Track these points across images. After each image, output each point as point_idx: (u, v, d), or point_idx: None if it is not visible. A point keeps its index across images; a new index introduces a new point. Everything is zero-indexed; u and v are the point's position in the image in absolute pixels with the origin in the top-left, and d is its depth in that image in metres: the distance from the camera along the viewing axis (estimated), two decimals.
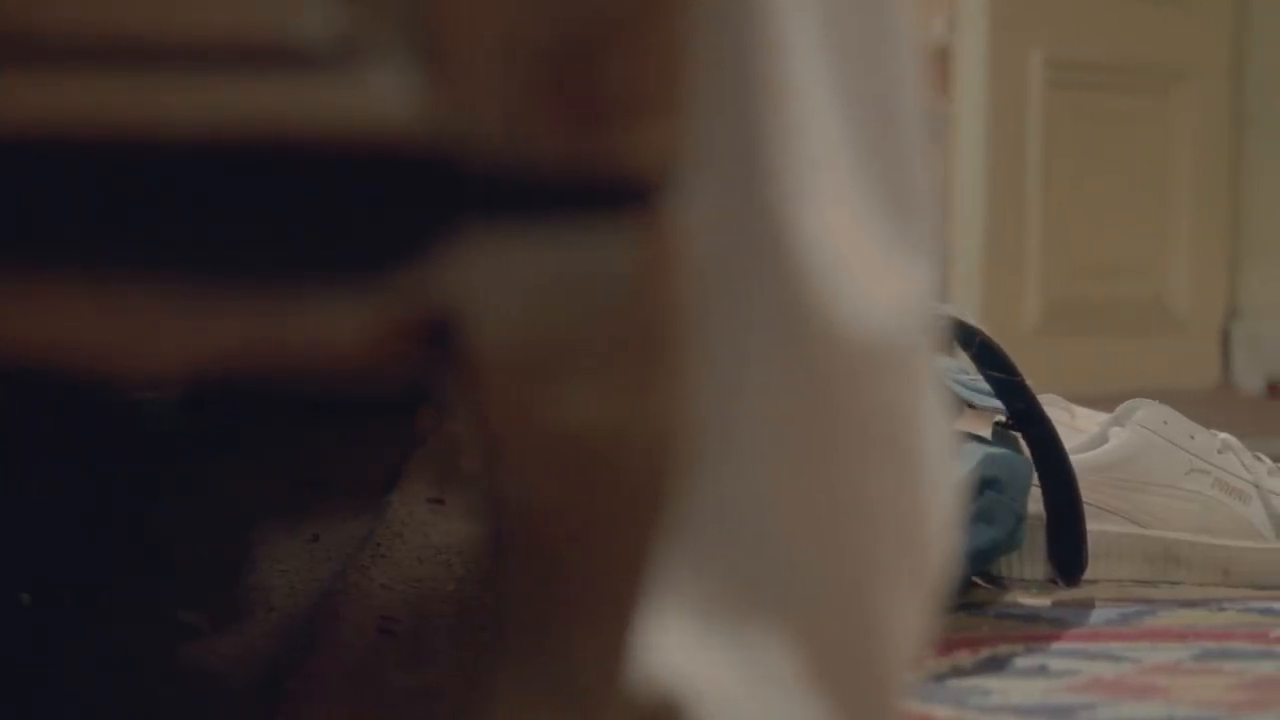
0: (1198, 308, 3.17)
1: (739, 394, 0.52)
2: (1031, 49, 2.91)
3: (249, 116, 0.46)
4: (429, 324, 0.47)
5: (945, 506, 0.54)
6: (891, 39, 0.52)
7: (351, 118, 0.46)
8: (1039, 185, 2.93)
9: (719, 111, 0.49)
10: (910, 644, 0.55)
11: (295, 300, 0.47)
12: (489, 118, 0.46)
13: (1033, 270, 2.94)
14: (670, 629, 0.54)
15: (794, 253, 0.50)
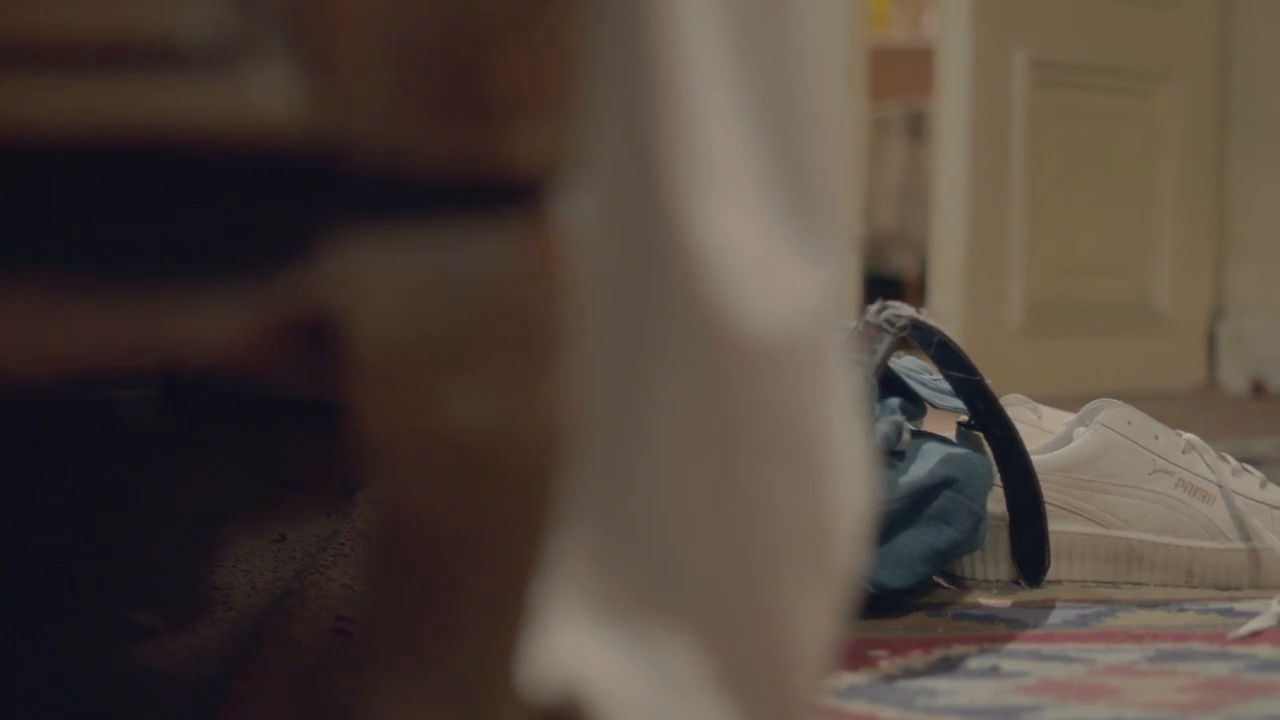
0: (1183, 307, 3.17)
1: (638, 394, 0.52)
2: (1015, 49, 2.91)
3: (129, 117, 0.45)
4: (310, 324, 0.47)
5: (853, 509, 0.54)
6: (796, 45, 0.52)
7: (232, 118, 0.46)
8: (1023, 185, 2.93)
9: (613, 113, 0.49)
10: (818, 647, 0.55)
11: (175, 299, 0.47)
12: (369, 118, 0.46)
13: (1016, 270, 2.94)
14: (574, 630, 0.54)
15: (690, 254, 0.50)
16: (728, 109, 0.50)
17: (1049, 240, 2.98)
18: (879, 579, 1.14)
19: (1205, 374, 3.19)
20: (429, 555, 0.47)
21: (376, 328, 0.46)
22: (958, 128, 2.88)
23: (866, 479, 0.54)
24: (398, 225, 0.46)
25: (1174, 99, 3.12)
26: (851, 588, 0.55)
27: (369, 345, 0.46)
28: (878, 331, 1.19)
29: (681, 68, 0.49)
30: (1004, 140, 2.91)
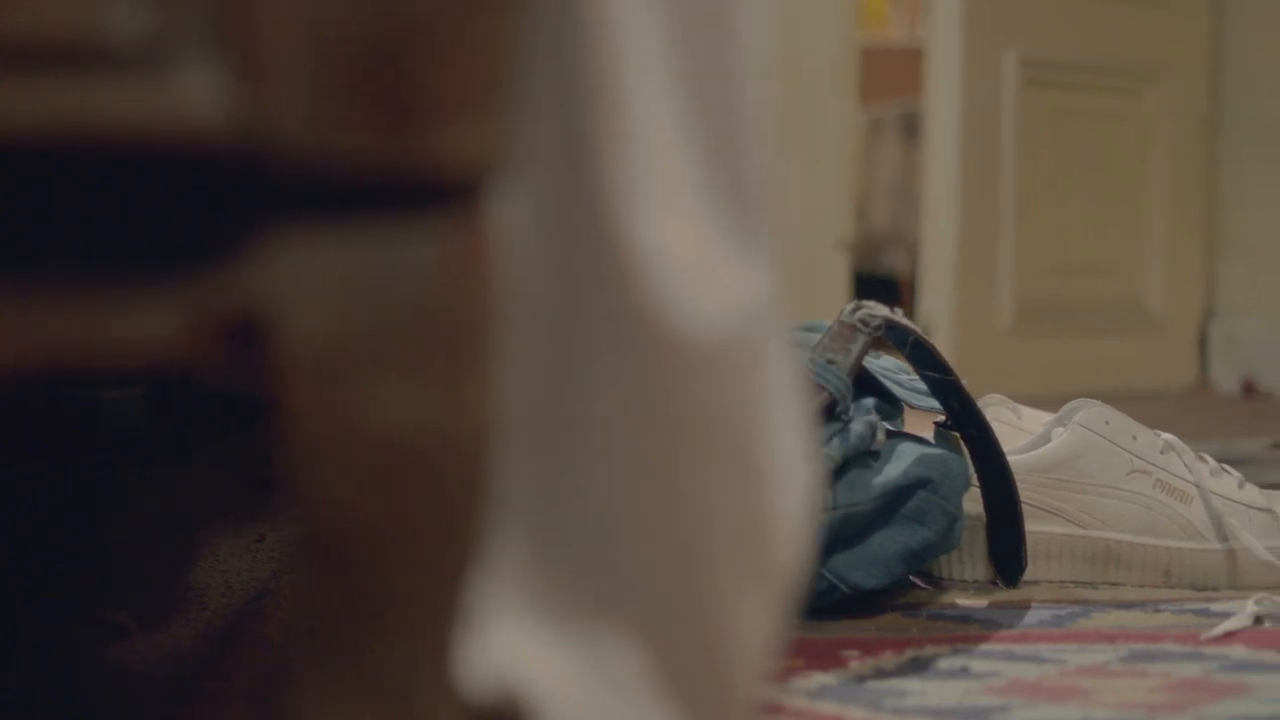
0: (1174, 307, 3.16)
1: (577, 396, 0.51)
2: (1006, 48, 2.91)
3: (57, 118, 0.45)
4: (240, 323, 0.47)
5: (793, 511, 0.54)
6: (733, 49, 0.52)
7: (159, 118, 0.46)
8: (1013, 185, 2.93)
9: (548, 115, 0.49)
10: (759, 647, 0.55)
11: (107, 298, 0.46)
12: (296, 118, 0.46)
13: (1007, 270, 2.94)
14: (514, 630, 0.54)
15: (626, 255, 0.49)
16: (665, 112, 0.50)
17: (1040, 240, 2.98)
18: (853, 579, 1.14)
19: (1197, 374, 3.19)
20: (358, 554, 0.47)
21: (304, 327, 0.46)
22: (948, 128, 2.88)
23: (807, 481, 0.54)
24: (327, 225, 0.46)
25: (1165, 99, 3.12)
26: (793, 589, 0.55)
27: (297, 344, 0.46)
28: (852, 331, 1.19)
29: (618, 70, 0.49)
30: (994, 140, 2.91)
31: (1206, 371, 3.17)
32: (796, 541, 0.54)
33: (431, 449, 0.47)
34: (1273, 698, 0.96)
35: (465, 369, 0.48)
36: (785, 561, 0.53)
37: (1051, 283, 3.00)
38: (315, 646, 0.49)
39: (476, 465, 0.49)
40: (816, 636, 1.10)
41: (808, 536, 0.54)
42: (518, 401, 0.52)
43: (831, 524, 1.13)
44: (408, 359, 0.47)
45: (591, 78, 0.49)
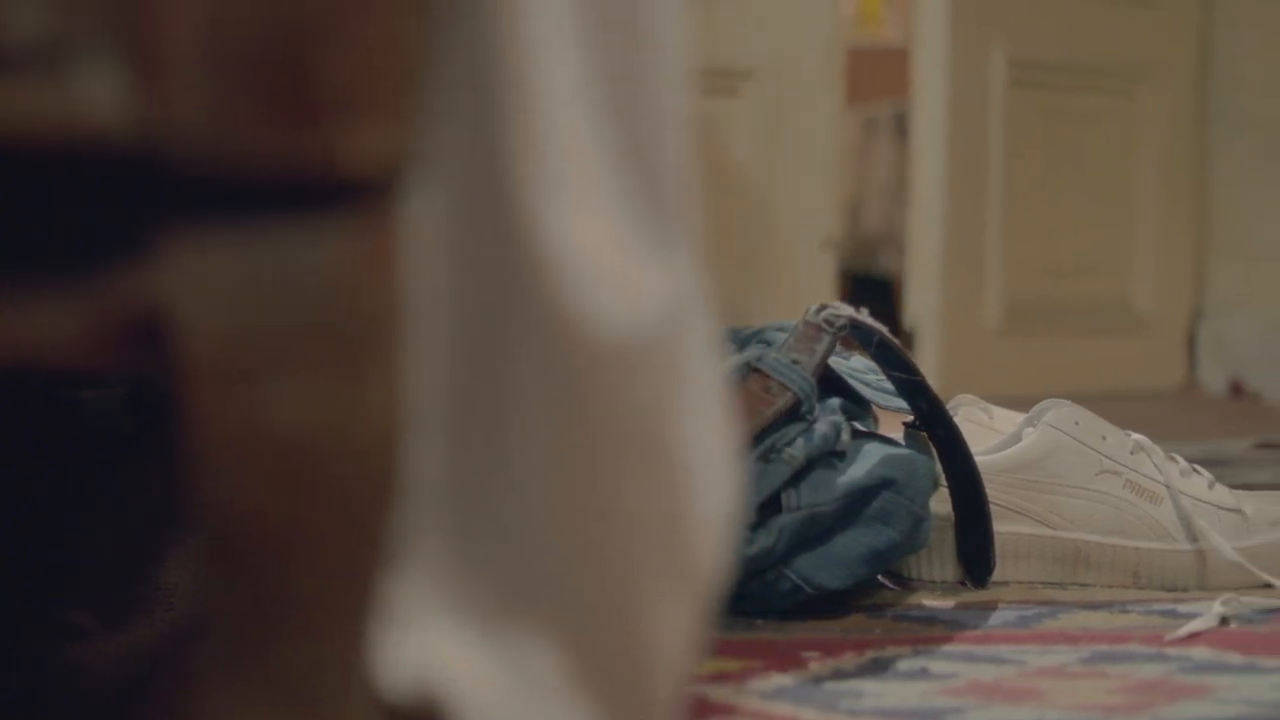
0: (1163, 307, 3.16)
1: (495, 396, 0.51)
2: (993, 48, 2.91)
3: None
4: (142, 323, 0.46)
5: (715, 512, 0.53)
6: (647, 49, 0.52)
7: (57, 118, 0.45)
8: (1001, 185, 2.93)
9: (460, 114, 0.49)
10: (679, 648, 0.54)
11: (7, 298, 0.46)
12: (195, 118, 0.45)
13: (994, 270, 2.93)
14: (434, 630, 0.54)
15: (540, 255, 0.49)
16: (578, 111, 0.49)
17: (1028, 240, 2.98)
18: (817, 580, 1.14)
19: (1185, 374, 3.19)
20: (261, 555, 0.47)
21: (205, 326, 0.46)
22: (935, 127, 2.88)
23: (728, 482, 0.54)
24: (229, 224, 0.46)
25: (1154, 98, 3.12)
26: (714, 589, 0.55)
27: (198, 343, 0.46)
28: (817, 331, 1.19)
29: (531, 70, 0.49)
30: (982, 140, 2.91)
31: (1195, 372, 3.17)
32: (716, 542, 0.53)
33: (335, 448, 0.47)
34: (1232, 699, 0.96)
35: (370, 368, 0.48)
36: (705, 562, 0.53)
37: (1040, 283, 3.00)
38: (220, 649, 0.49)
39: (383, 465, 0.49)
40: (778, 637, 1.10)
41: (728, 537, 0.54)
42: (432, 401, 0.51)
43: (795, 524, 1.13)
44: (310, 358, 0.47)
45: (504, 77, 0.49)
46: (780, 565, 1.14)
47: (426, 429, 0.52)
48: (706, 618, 0.55)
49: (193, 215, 0.45)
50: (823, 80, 2.98)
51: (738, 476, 0.54)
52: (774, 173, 3.00)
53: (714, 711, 0.93)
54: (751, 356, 1.19)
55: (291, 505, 0.47)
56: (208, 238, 0.45)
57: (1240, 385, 3.00)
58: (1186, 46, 3.14)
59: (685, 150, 0.53)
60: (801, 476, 1.15)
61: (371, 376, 0.47)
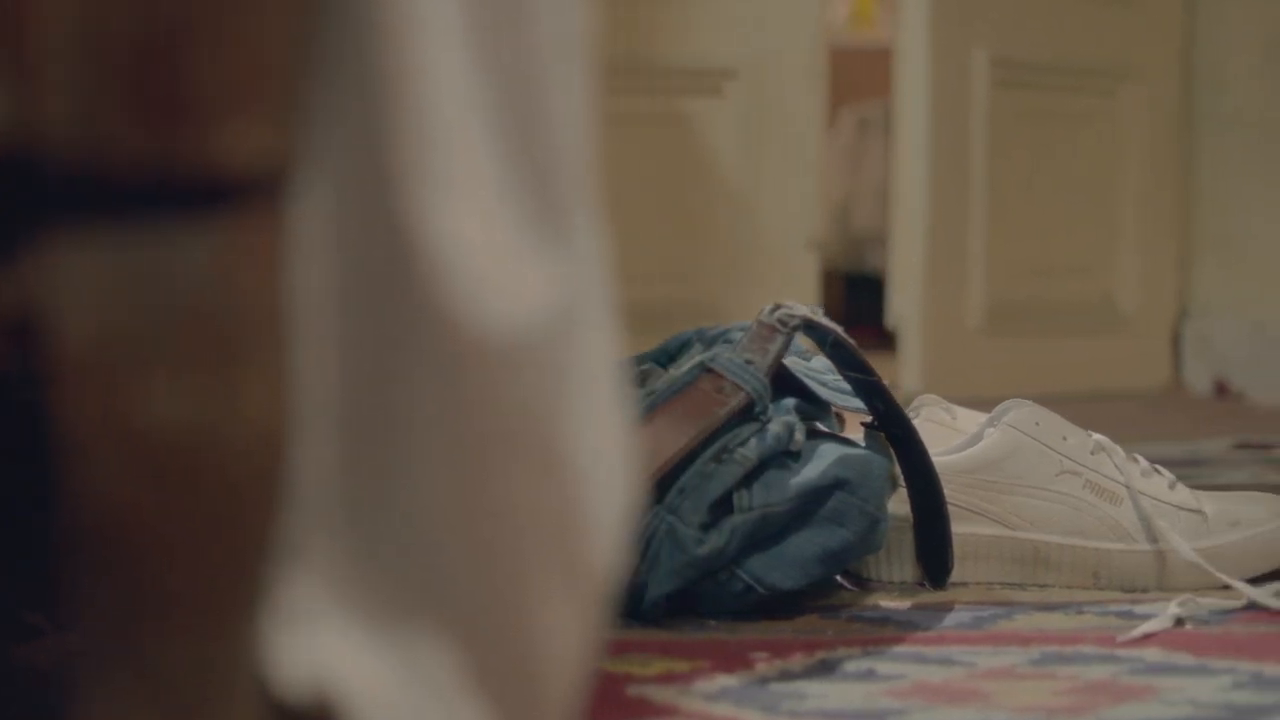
0: (1147, 307, 3.16)
1: (385, 395, 0.51)
2: (976, 48, 2.90)
3: None
4: (14, 322, 0.46)
5: (608, 513, 0.53)
6: (540, 51, 0.51)
7: None
8: (984, 185, 2.92)
9: (345, 114, 0.48)
10: (572, 648, 0.54)
11: None
12: (66, 117, 0.45)
13: (977, 270, 2.93)
14: (327, 630, 0.53)
15: (424, 253, 0.49)
16: (466, 109, 0.49)
17: (1011, 240, 2.97)
18: (769, 580, 1.14)
19: (1170, 374, 3.18)
20: (136, 551, 0.47)
21: (77, 326, 0.45)
22: (917, 128, 2.87)
23: (623, 483, 0.53)
24: (102, 224, 0.46)
25: (1138, 98, 3.11)
26: (609, 590, 0.55)
27: (70, 342, 0.45)
28: (771, 331, 1.18)
29: (418, 68, 0.49)
30: (965, 140, 2.90)
31: (1180, 372, 3.17)
32: (611, 543, 0.53)
33: (211, 445, 0.47)
34: (1178, 700, 0.95)
35: (248, 366, 0.47)
36: (598, 563, 0.53)
37: (1023, 283, 2.99)
38: (97, 647, 0.48)
39: (265, 462, 0.49)
40: (728, 638, 1.10)
41: (624, 539, 0.54)
42: (321, 399, 0.51)
43: (748, 525, 1.13)
44: (184, 356, 0.46)
45: (390, 75, 0.49)
46: (732, 566, 1.14)
47: (316, 427, 0.52)
48: (601, 618, 0.55)
49: (65, 215, 0.45)
50: (807, 80, 2.98)
51: (631, 478, 0.54)
52: (758, 172, 3.00)
53: (656, 712, 0.93)
54: (705, 356, 1.19)
55: (166, 501, 0.47)
56: (81, 237, 0.45)
57: (1225, 385, 3.00)
58: (1170, 46, 3.13)
59: (581, 150, 0.52)
60: (754, 477, 1.14)
61: (251, 374, 0.47)
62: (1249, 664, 1.03)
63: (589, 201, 0.53)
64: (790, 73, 2.97)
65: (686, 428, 1.14)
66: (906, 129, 2.90)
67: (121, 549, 0.47)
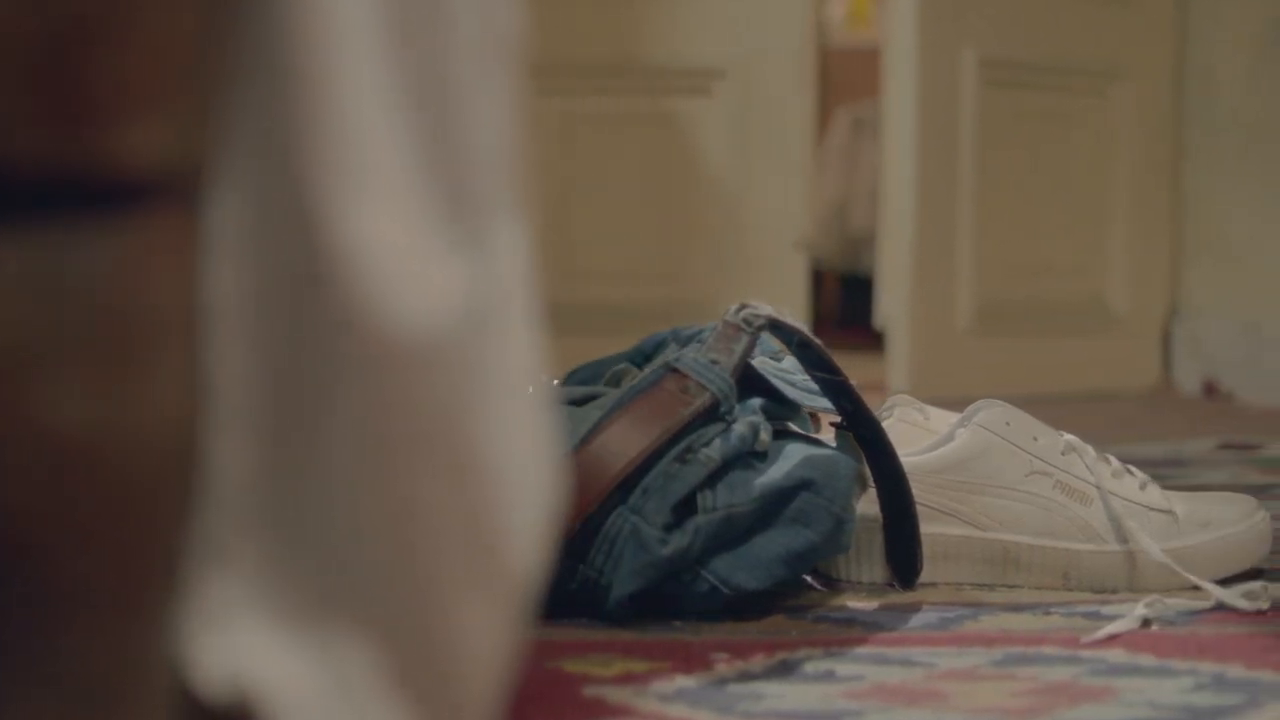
0: (1138, 308, 3.15)
1: (301, 396, 0.51)
2: (964, 48, 2.90)
3: None
4: None
5: (527, 515, 0.53)
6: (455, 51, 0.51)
7: None
8: (972, 185, 2.92)
9: (256, 114, 0.48)
10: (491, 650, 0.54)
11: None
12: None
13: (966, 270, 2.92)
14: (248, 630, 0.53)
15: (336, 253, 0.49)
16: (379, 109, 0.49)
17: (1000, 240, 2.97)
18: (734, 581, 1.13)
19: (1161, 374, 3.18)
20: (40, 554, 0.47)
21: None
22: (906, 128, 2.87)
23: (542, 484, 0.53)
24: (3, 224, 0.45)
25: (1129, 98, 3.11)
26: (529, 592, 0.54)
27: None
28: (736, 331, 1.18)
29: (333, 70, 0.48)
30: (953, 140, 2.90)
31: (1171, 372, 3.16)
32: (530, 545, 0.53)
33: (113, 444, 0.47)
34: (1137, 701, 0.95)
35: (150, 366, 0.47)
36: (517, 565, 0.53)
37: (1012, 283, 2.99)
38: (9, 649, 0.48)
39: (169, 461, 0.48)
40: (691, 638, 1.09)
41: (544, 540, 0.54)
42: (238, 399, 0.51)
43: (711, 525, 1.12)
44: (83, 355, 0.46)
45: (305, 77, 0.49)
46: (697, 566, 1.13)
47: (233, 427, 0.51)
48: (522, 620, 0.54)
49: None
50: (795, 80, 2.97)
51: (553, 480, 0.53)
52: (747, 172, 2.99)
53: (611, 712, 0.92)
54: (671, 356, 1.19)
55: (71, 500, 0.47)
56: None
57: (1214, 386, 2.99)
58: (1161, 46, 3.13)
59: (502, 151, 0.52)
60: (718, 477, 1.14)
61: (157, 374, 0.47)
62: (1212, 665, 1.03)
63: (511, 202, 0.53)
64: (779, 73, 2.97)
65: (650, 428, 1.14)
66: (895, 129, 2.90)
67: (27, 548, 0.46)
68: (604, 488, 1.12)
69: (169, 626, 0.51)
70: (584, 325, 2.89)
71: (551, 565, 1.12)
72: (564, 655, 1.04)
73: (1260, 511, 1.33)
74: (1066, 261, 3.07)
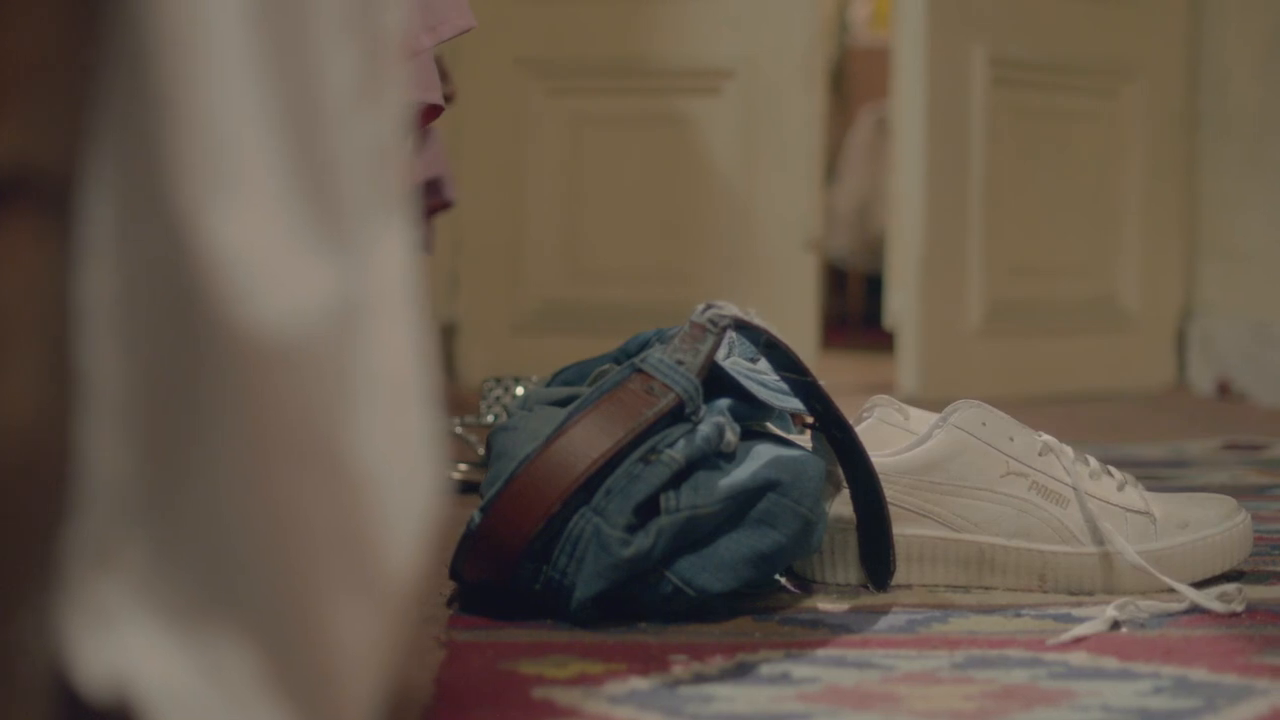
0: (1151, 308, 3.13)
1: (173, 396, 0.50)
2: (974, 46, 2.88)
3: None
4: None
5: (402, 518, 0.52)
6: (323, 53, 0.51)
7: None
8: (982, 184, 2.90)
9: (121, 115, 0.48)
10: (368, 652, 0.53)
11: None
12: None
13: (975, 270, 2.91)
14: (131, 631, 0.53)
15: (202, 255, 0.48)
16: (245, 111, 0.49)
17: (1010, 240, 2.95)
18: (698, 582, 1.13)
19: (1174, 374, 3.16)
20: None
21: None
22: (915, 127, 2.86)
23: (419, 487, 0.53)
24: None
25: (1141, 97, 3.09)
26: (407, 596, 0.54)
27: None
28: (701, 332, 1.17)
29: (198, 73, 0.48)
30: (963, 139, 2.89)
31: (1184, 372, 3.14)
32: (407, 548, 0.52)
33: None
34: (1090, 705, 0.94)
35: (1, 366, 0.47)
36: (393, 568, 0.52)
37: (1022, 283, 2.97)
38: None
39: (22, 460, 0.48)
40: (653, 640, 1.09)
41: (422, 544, 0.53)
42: (111, 400, 0.51)
43: (674, 526, 1.12)
44: None
45: (169, 79, 0.48)
46: (661, 568, 1.13)
47: (108, 427, 0.51)
48: (399, 623, 0.54)
49: None
50: (803, 80, 2.96)
51: (433, 481, 0.53)
52: (755, 173, 2.99)
53: (557, 713, 0.92)
54: (637, 357, 1.18)
55: None
56: None
57: (1227, 386, 2.97)
58: (1173, 45, 3.11)
59: (374, 155, 0.52)
60: (683, 478, 1.13)
61: (6, 373, 0.47)
62: (1175, 668, 1.02)
63: (389, 206, 0.52)
64: (787, 73, 2.96)
65: (614, 429, 1.13)
66: (904, 129, 2.89)
67: None
68: (566, 488, 1.11)
69: (40, 625, 0.51)
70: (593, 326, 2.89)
71: (516, 567, 1.12)
72: (522, 656, 1.04)
73: (1241, 513, 1.32)
74: (1077, 261, 3.05)
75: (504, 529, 1.12)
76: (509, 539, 1.12)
